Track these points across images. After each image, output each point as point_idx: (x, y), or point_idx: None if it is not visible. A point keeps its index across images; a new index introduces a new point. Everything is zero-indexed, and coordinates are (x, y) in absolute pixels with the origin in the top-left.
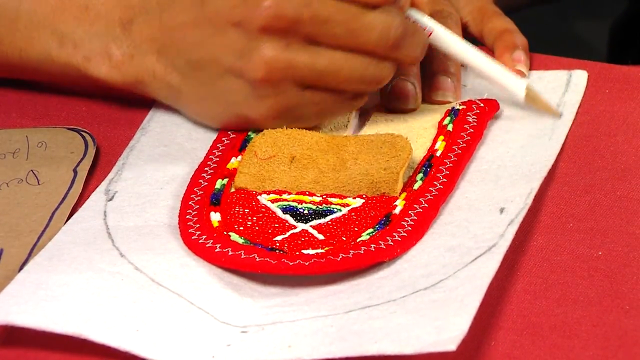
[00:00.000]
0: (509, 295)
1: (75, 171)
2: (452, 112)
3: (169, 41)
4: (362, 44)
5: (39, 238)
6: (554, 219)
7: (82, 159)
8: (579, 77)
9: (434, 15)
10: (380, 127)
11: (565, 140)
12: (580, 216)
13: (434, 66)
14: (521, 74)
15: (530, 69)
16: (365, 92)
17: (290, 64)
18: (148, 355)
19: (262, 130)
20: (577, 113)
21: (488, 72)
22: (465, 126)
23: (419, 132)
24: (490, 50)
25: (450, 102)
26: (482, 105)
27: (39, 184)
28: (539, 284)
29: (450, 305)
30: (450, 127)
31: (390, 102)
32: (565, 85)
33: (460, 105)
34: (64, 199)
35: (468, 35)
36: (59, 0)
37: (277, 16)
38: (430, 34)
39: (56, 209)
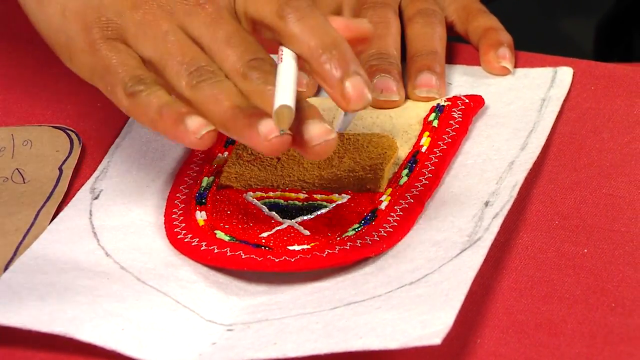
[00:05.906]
0: (495, 292)
1: (60, 169)
2: (438, 109)
3: None
4: None
5: (24, 237)
6: (539, 216)
7: (67, 157)
8: (564, 74)
9: (417, 13)
10: (366, 124)
11: (550, 137)
12: (565, 214)
13: (418, 64)
14: (506, 70)
15: (516, 66)
16: None
17: None
18: (134, 354)
19: None
20: (562, 110)
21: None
22: (451, 122)
23: (404, 128)
24: (475, 48)
25: (435, 99)
26: (467, 101)
27: (24, 183)
28: (525, 282)
29: (435, 299)
30: (435, 123)
31: (374, 98)
32: (551, 81)
33: (445, 101)
34: (49, 197)
35: (454, 34)
36: None
37: None
38: None
39: (41, 208)
